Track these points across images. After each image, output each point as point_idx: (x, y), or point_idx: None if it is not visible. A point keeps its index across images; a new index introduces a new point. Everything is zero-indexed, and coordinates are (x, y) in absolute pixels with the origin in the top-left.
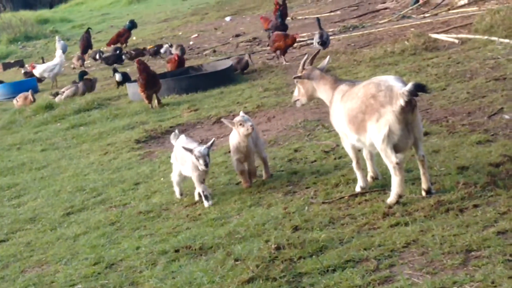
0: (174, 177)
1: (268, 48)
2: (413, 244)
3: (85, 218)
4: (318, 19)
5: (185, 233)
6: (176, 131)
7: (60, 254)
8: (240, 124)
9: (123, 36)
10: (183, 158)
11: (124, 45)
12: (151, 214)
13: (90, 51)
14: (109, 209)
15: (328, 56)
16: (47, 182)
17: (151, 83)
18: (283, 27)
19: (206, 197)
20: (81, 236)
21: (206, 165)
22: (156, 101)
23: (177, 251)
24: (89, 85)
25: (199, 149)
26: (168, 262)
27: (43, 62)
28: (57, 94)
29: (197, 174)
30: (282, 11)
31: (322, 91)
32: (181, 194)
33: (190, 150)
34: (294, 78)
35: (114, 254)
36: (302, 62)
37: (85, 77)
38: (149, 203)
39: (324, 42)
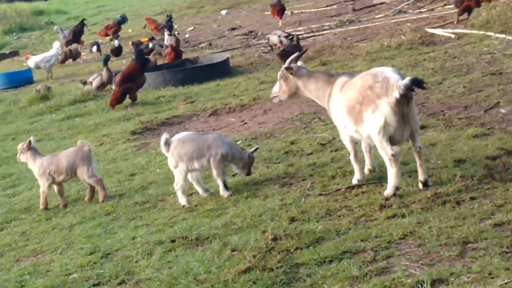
0: (180, 184)
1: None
2: (410, 236)
3: (80, 208)
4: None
5: (181, 223)
6: (165, 134)
7: (55, 244)
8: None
9: (111, 29)
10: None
11: (114, 37)
12: (147, 205)
13: (81, 45)
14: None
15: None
16: None
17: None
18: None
19: (226, 187)
20: (77, 226)
21: None
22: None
23: (173, 241)
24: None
25: None
26: (164, 252)
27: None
28: (85, 82)
29: (221, 166)
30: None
31: (313, 89)
32: (189, 203)
33: None
34: (286, 68)
35: (110, 244)
36: (289, 59)
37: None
38: (145, 194)
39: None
